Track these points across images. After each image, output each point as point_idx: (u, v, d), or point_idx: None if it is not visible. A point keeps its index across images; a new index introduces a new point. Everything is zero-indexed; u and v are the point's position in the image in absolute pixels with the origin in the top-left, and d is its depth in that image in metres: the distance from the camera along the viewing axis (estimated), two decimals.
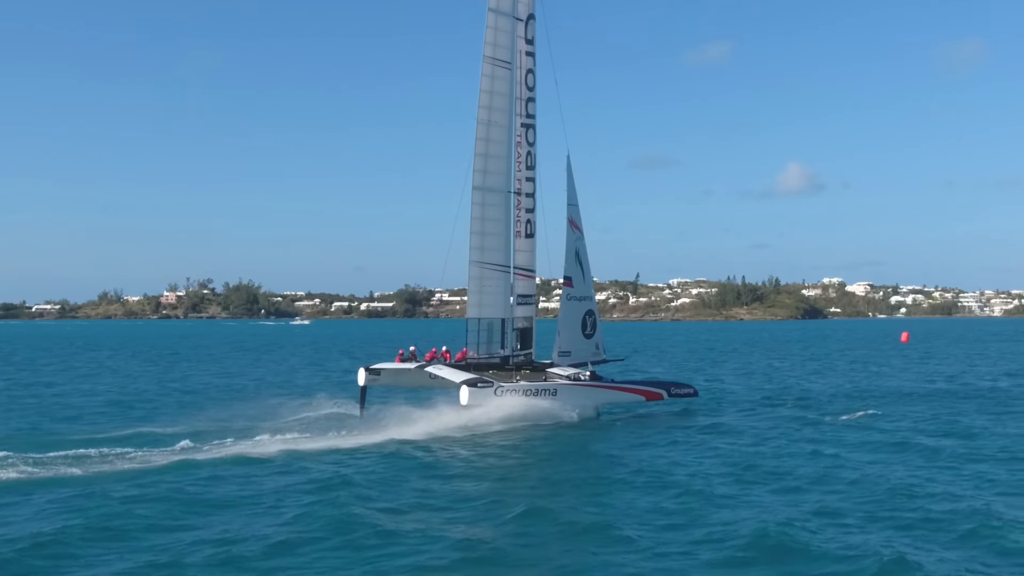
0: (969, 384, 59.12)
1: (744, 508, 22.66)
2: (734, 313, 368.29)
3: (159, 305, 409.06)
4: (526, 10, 40.81)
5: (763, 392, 53.63)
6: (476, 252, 39.38)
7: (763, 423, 38.98)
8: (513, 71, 40.08)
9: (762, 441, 33.72)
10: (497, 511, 22.72)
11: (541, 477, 27.82)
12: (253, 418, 38.69)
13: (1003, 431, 35.97)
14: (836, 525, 21.08)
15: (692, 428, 37.40)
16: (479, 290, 39.68)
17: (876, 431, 36.10)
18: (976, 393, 52.78)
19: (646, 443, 33.82)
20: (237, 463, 28.69)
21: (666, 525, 21.29)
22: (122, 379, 65.02)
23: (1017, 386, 57.65)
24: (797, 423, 38.66)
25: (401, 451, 31.29)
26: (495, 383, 36.38)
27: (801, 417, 40.33)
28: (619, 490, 25.31)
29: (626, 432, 36.65)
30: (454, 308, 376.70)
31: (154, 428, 36.48)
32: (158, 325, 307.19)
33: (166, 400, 49.27)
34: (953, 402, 47.60)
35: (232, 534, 20.28)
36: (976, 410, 43.58)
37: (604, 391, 39.91)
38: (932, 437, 34.33)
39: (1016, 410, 43.73)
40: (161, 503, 23.09)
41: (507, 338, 40.68)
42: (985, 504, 22.31)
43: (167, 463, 28.34)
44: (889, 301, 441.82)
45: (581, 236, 42.01)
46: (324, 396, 45.82)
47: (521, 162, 40.70)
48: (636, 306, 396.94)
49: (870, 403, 46.06)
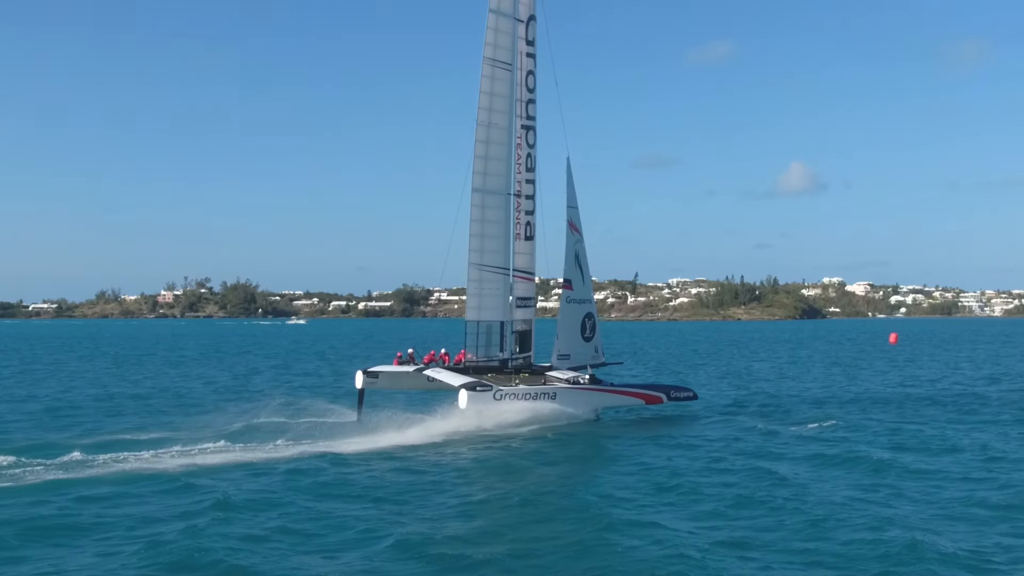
0: (946, 390, 56.72)
1: (638, 537, 20.27)
2: (731, 313, 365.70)
3: (156, 304, 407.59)
4: (527, 11, 40.56)
5: (730, 398, 51.37)
6: (476, 254, 39.22)
7: (714, 432, 36.77)
8: (513, 72, 39.91)
9: (704, 455, 31.35)
10: (367, 542, 20.41)
11: (423, 505, 25.47)
12: (175, 427, 36.55)
13: (962, 443, 33.65)
14: (736, 558, 18.76)
15: (629, 439, 35.23)
16: (478, 293, 39.53)
17: (828, 443, 33.76)
18: (950, 399, 50.50)
19: (572, 458, 31.68)
20: (120, 481, 26.31)
21: (552, 551, 19.03)
22: (71, 383, 62.70)
23: (994, 392, 55.18)
24: (749, 433, 36.39)
25: (313, 467, 28.78)
26: (494, 387, 35.98)
27: (753, 427, 37.93)
28: (513, 517, 23.00)
29: (560, 445, 34.38)
30: (452, 308, 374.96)
31: (60, 438, 34.21)
32: (151, 325, 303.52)
33: (97, 407, 46.84)
34: (921, 409, 45.43)
35: (51, 569, 18.02)
36: (943, 420, 41.21)
37: (604, 394, 39.83)
38: (886, 451, 31.99)
39: (984, 419, 41.45)
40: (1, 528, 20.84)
41: (506, 341, 40.51)
42: (911, 540, 19.71)
43: (39, 481, 26.02)
44: (889, 301, 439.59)
45: (581, 239, 41.77)
46: (280, 403, 43.39)
47: (521, 164, 40.53)
48: (634, 306, 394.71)
49: (835, 411, 43.84)
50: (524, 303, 41.12)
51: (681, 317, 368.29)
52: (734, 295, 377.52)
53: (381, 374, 39.87)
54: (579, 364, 41.20)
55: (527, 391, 36.91)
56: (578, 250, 41.69)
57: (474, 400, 35.20)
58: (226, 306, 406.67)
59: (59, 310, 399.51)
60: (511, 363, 40.36)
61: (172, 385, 61.03)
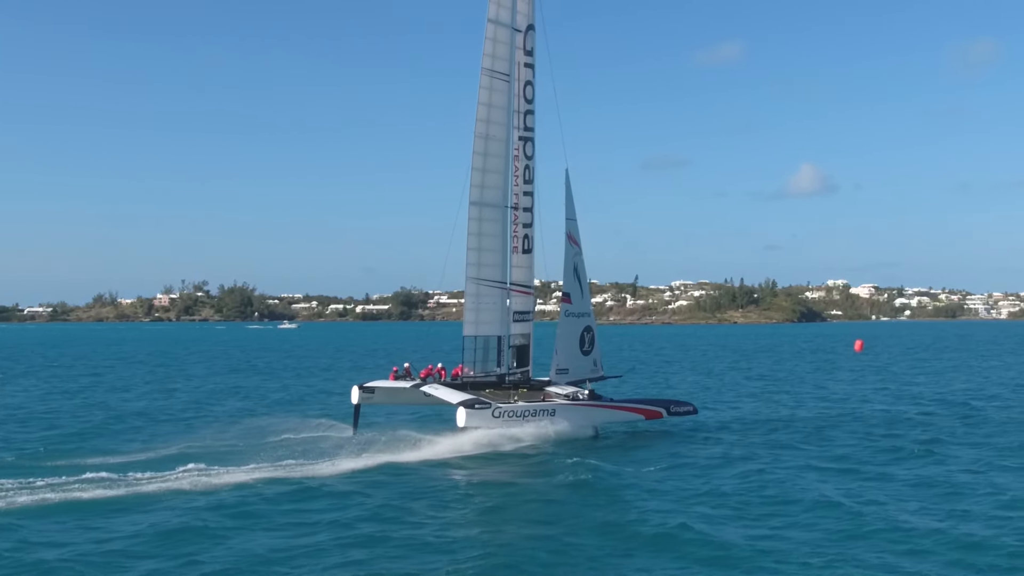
0: (882, 412, 48.56)
1: None
2: (728, 316, 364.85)
3: (151, 308, 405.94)
4: (525, 21, 39.92)
5: None
6: (473, 268, 38.79)
7: None
8: (512, 83, 39.31)
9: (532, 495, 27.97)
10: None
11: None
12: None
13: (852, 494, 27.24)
14: None
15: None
16: (476, 307, 39.08)
17: (702, 479, 29.69)
18: (880, 422, 44.18)
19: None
20: None
21: None
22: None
23: (939, 416, 46.77)
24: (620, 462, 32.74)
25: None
26: (493, 404, 35.36)
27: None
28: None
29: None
30: (451, 311, 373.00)
31: None
32: (139, 329, 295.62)
33: None
34: (832, 433, 40.23)
35: None
36: (851, 452, 35.17)
37: (603, 410, 39.28)
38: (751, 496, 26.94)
39: (846, 463, 32.94)
40: None
41: (503, 356, 40.06)
42: None
43: None
44: (893, 303, 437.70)
45: (579, 251, 41.36)
46: (211, 434, 37.85)
47: (519, 176, 40.02)
48: (633, 309, 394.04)
49: (742, 435, 39.57)
50: (522, 317, 40.63)
51: (679, 320, 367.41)
52: (731, 298, 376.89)
53: (377, 389, 39.01)
54: (578, 378, 40.74)
55: (526, 408, 36.38)
56: (577, 263, 41.21)
57: (472, 417, 34.69)
58: (222, 309, 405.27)
59: (54, 314, 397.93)
60: (509, 378, 39.88)
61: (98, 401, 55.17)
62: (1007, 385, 66.74)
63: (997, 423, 44.01)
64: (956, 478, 29.53)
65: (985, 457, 33.71)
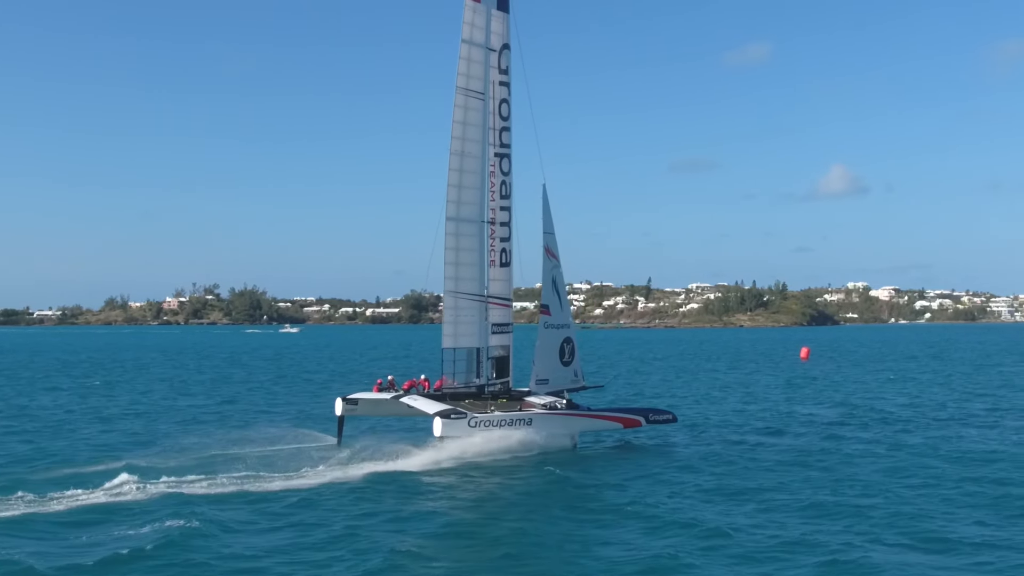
0: (789, 438, 41.09)
1: None
2: (735, 320, 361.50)
3: (160, 311, 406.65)
4: (500, 41, 40.89)
5: None
6: (451, 282, 39.76)
7: None
8: (487, 101, 40.32)
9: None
10: None
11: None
12: None
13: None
14: None
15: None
16: (454, 320, 39.96)
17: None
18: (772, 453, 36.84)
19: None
20: None
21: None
22: None
23: (841, 451, 36.84)
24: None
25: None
26: (469, 414, 36.02)
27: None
28: None
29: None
30: None
31: None
32: (141, 332, 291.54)
33: None
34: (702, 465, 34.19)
35: None
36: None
37: (581, 419, 39.44)
38: None
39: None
40: None
41: (483, 367, 40.94)
42: None
43: None
44: (913, 306, 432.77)
45: (558, 264, 41.88)
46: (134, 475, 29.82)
47: (495, 191, 41.03)
48: (644, 312, 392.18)
49: None
50: (501, 329, 41.43)
51: (687, 324, 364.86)
52: (740, 301, 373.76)
53: (361, 401, 39.83)
54: (558, 388, 41.03)
55: (503, 418, 36.73)
56: (555, 276, 41.86)
57: (448, 427, 35.23)
58: (231, 313, 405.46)
59: (63, 317, 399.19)
60: (488, 389, 40.62)
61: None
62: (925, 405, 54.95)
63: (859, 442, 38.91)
64: None
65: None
